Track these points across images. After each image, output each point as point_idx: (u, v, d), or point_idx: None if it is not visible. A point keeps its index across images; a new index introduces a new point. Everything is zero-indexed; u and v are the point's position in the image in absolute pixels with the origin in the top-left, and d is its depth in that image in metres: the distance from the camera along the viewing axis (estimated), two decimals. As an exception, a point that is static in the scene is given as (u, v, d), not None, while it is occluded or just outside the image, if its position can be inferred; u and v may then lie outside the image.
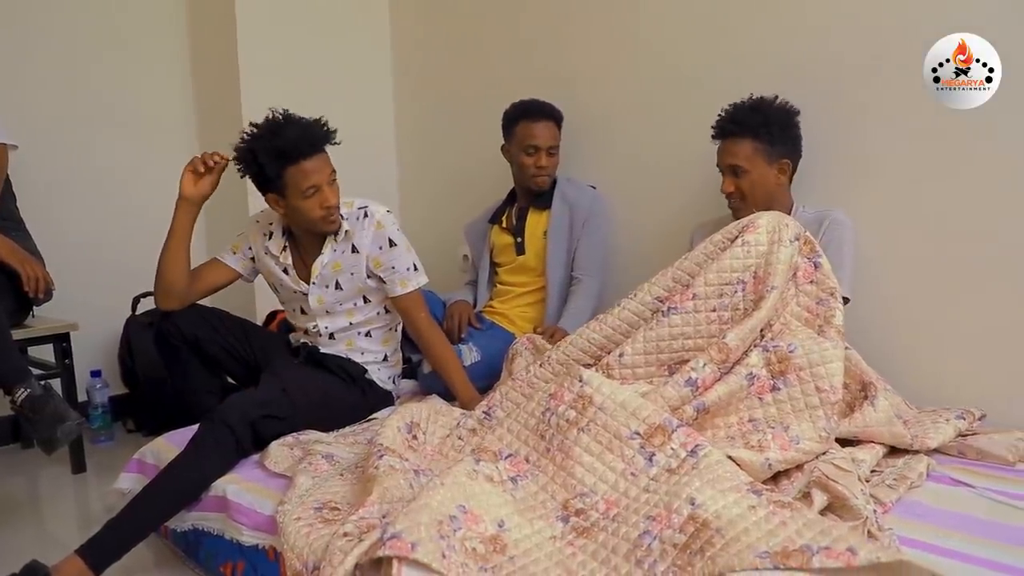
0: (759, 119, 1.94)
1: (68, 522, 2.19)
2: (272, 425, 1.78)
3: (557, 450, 1.42)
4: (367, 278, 2.00)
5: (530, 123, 2.44)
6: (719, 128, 2.01)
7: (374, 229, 1.96)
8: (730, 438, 1.49)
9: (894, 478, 1.48)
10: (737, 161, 1.96)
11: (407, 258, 2.00)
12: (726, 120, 2.00)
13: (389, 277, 1.99)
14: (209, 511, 1.66)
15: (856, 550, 1.03)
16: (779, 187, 2.00)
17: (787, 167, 1.99)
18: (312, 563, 1.27)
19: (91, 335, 2.79)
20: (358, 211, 1.98)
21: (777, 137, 1.95)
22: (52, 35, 2.83)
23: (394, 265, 1.98)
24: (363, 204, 2.00)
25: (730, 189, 1.99)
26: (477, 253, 2.68)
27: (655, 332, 1.67)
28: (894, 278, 2.01)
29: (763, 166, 1.96)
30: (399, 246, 1.99)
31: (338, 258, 1.98)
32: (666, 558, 1.15)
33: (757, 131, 1.94)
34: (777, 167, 1.98)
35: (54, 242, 2.59)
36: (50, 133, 2.84)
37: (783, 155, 1.97)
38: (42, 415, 1.96)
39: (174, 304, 1.98)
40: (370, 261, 1.98)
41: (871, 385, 1.63)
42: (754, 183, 1.97)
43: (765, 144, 1.95)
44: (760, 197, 1.97)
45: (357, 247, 1.97)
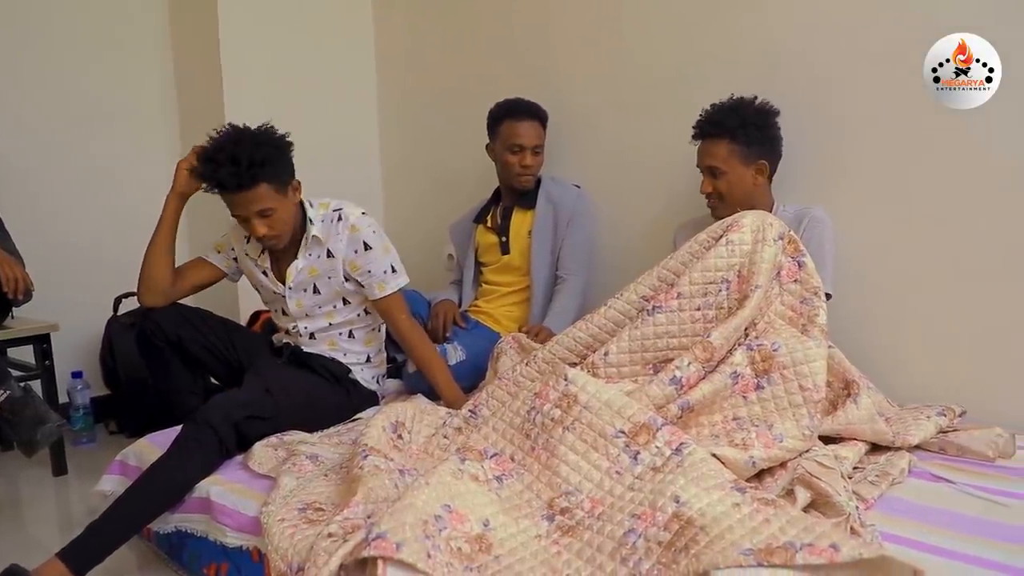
0: (736, 121, 1.96)
1: (49, 525, 2.16)
2: (255, 426, 1.77)
3: (542, 449, 1.43)
4: (345, 281, 1.98)
5: (515, 122, 2.44)
6: (698, 129, 2.03)
7: (348, 232, 1.94)
8: (714, 436, 1.50)
9: (876, 475, 1.49)
10: (714, 162, 1.99)
11: (383, 261, 1.97)
12: (704, 121, 2.01)
13: (366, 281, 1.97)
14: (193, 512, 1.65)
15: (839, 546, 1.04)
16: (757, 187, 2.01)
17: (764, 168, 2.00)
18: (296, 564, 1.26)
19: (72, 336, 2.76)
20: (333, 213, 1.96)
21: (754, 138, 1.97)
22: (33, 35, 2.80)
23: (370, 269, 1.96)
24: (338, 206, 1.97)
25: (708, 189, 2.02)
26: (462, 252, 2.68)
27: (640, 331, 1.68)
28: (876, 277, 2.03)
29: (740, 167, 1.98)
30: (375, 249, 1.95)
31: (313, 263, 1.97)
32: (651, 556, 1.16)
33: (734, 133, 1.96)
34: (754, 168, 1.99)
35: (35, 242, 2.56)
36: (31, 133, 2.81)
37: (760, 156, 1.99)
38: (22, 417, 1.95)
39: (158, 301, 1.96)
40: (346, 265, 1.96)
41: (854, 383, 1.64)
42: (731, 184, 1.99)
43: (742, 146, 1.97)
44: (738, 197, 1.99)
45: (332, 251, 1.95)
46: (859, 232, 2.04)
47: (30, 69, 2.80)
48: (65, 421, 2.15)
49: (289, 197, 1.88)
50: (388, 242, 2.00)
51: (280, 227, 1.88)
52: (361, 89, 3.37)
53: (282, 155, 1.85)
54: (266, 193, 1.81)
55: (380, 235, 1.98)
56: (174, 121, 3.14)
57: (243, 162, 1.76)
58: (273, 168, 1.81)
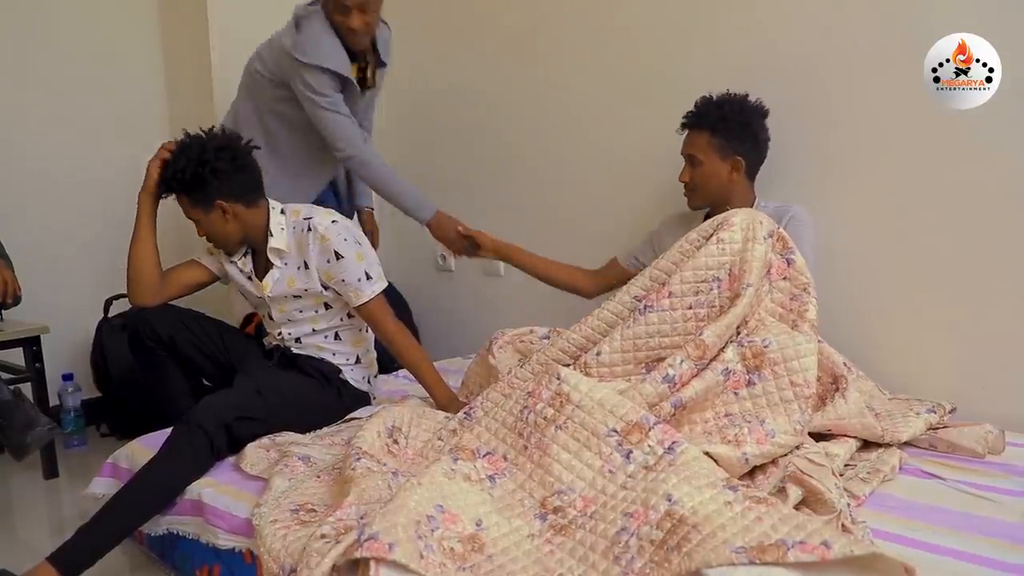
0: (717, 114, 2.00)
1: (40, 528, 2.16)
2: (246, 426, 1.76)
3: (535, 448, 1.43)
4: (324, 290, 1.98)
5: None
6: (686, 118, 2.07)
7: (319, 243, 1.93)
8: (707, 433, 1.50)
9: (867, 472, 1.50)
10: (693, 151, 2.03)
11: (356, 269, 1.94)
12: (692, 111, 2.05)
13: (342, 289, 1.96)
14: (184, 515, 1.64)
15: (830, 544, 1.04)
16: (732, 183, 2.03)
17: (740, 164, 2.02)
18: (289, 565, 1.26)
19: (62, 338, 2.75)
20: (303, 222, 1.95)
21: (734, 134, 2.00)
22: (23, 36, 2.79)
23: (344, 278, 1.94)
24: (308, 215, 1.96)
25: (684, 179, 2.06)
26: None
27: (632, 330, 1.68)
28: (865, 272, 2.04)
29: (716, 160, 2.01)
30: (346, 257, 1.93)
31: (291, 273, 1.97)
32: (643, 554, 1.16)
33: (715, 125, 2.00)
34: (730, 163, 2.01)
35: (24, 244, 2.55)
36: (19, 133, 2.79)
37: (737, 152, 2.01)
38: (11, 420, 1.93)
39: (147, 299, 1.96)
40: (321, 274, 1.95)
41: (842, 378, 1.65)
42: (706, 175, 2.02)
43: (720, 139, 2.00)
44: (711, 189, 2.04)
45: (307, 263, 1.95)
46: (848, 227, 2.05)
47: (18, 71, 2.79)
48: (56, 424, 2.14)
49: (213, 216, 1.90)
50: (363, 248, 1.97)
51: (213, 238, 1.96)
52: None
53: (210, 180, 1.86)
54: (186, 206, 1.91)
55: (352, 242, 1.95)
56: (164, 123, 3.13)
57: (168, 172, 1.88)
58: (190, 186, 1.87)
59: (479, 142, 2.99)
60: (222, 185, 1.87)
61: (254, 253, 2.02)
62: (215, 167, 1.85)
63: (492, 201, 2.94)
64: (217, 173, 1.86)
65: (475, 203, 2.92)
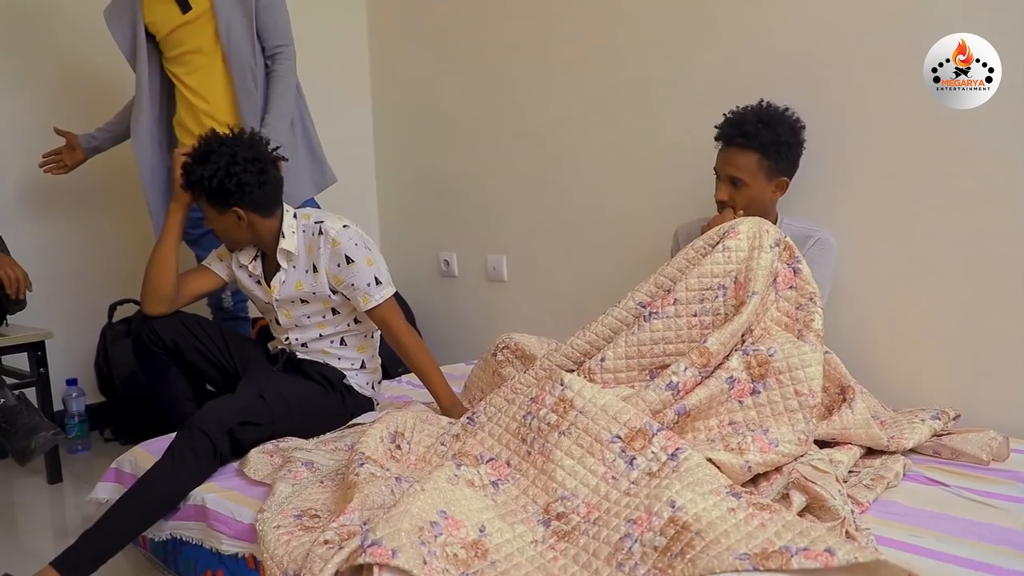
0: (770, 136, 1.88)
1: (44, 533, 2.16)
2: (250, 432, 1.76)
3: (538, 454, 1.43)
4: (332, 294, 1.98)
5: None
6: (726, 134, 1.94)
7: (330, 247, 1.93)
8: (710, 441, 1.50)
9: (871, 478, 1.50)
10: (739, 173, 1.91)
11: (366, 274, 1.94)
12: (735, 128, 1.92)
13: (351, 294, 1.96)
14: (188, 520, 1.64)
15: (834, 551, 1.04)
16: (772, 202, 1.98)
17: (784, 184, 1.96)
18: (292, 571, 1.26)
19: (67, 343, 2.75)
20: (314, 225, 1.95)
21: (784, 156, 1.91)
22: (24, 36, 2.80)
23: (353, 282, 1.94)
24: (319, 219, 1.96)
25: (723, 197, 1.94)
26: None
27: (636, 337, 1.68)
28: (870, 280, 2.04)
29: (763, 182, 1.92)
30: (356, 262, 1.92)
31: (299, 277, 1.97)
32: (647, 561, 1.16)
33: (766, 148, 1.88)
34: (775, 184, 1.94)
35: (28, 249, 2.55)
36: (24, 138, 2.80)
37: (784, 173, 1.94)
38: (16, 426, 1.94)
39: (163, 309, 1.96)
40: (330, 278, 1.95)
41: (850, 388, 1.65)
42: (751, 198, 1.92)
43: (771, 161, 1.90)
44: (753, 211, 1.91)
45: (317, 266, 1.95)
46: (854, 235, 2.04)
47: (25, 71, 2.80)
48: (60, 429, 2.14)
49: (226, 217, 1.90)
50: (372, 253, 1.97)
51: (219, 234, 1.98)
52: (356, 96, 3.38)
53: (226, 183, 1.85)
54: (201, 200, 1.91)
55: (362, 247, 1.95)
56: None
57: (193, 175, 1.87)
58: (209, 187, 1.86)
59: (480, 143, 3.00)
60: (244, 196, 1.87)
61: (264, 257, 2.03)
62: (241, 180, 1.84)
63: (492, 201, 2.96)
64: (243, 186, 1.85)
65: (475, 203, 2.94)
